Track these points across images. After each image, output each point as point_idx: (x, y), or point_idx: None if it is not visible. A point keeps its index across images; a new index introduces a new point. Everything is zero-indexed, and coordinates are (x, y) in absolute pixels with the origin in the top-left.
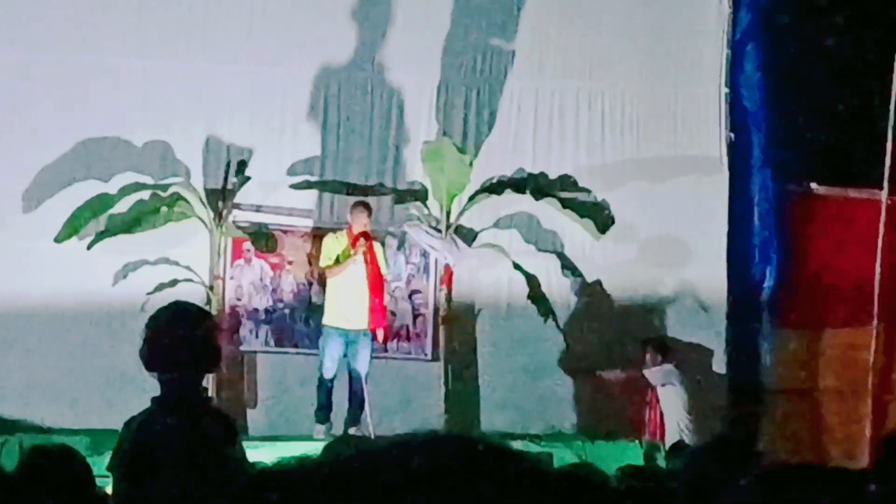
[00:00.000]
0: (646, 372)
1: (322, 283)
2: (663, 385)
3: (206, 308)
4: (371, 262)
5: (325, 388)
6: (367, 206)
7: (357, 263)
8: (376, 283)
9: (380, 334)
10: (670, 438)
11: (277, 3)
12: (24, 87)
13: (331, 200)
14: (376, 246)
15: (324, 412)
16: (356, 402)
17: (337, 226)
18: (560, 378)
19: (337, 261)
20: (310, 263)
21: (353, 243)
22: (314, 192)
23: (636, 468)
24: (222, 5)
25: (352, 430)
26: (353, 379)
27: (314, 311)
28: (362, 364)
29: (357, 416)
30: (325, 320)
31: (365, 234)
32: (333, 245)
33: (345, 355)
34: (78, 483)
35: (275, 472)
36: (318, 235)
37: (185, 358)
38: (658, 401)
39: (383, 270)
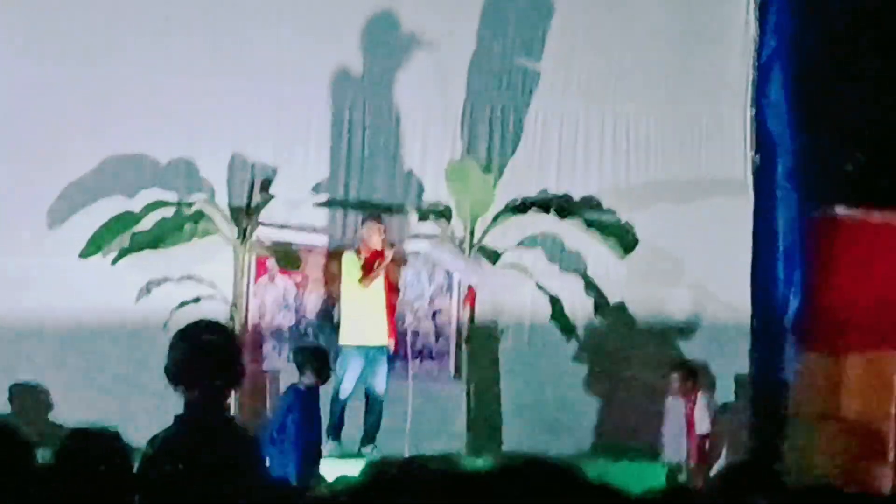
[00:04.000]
0: (697, 420)
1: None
2: (701, 419)
3: (230, 325)
4: (387, 277)
5: (339, 406)
6: (380, 220)
7: (376, 283)
8: (389, 298)
9: (390, 343)
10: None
11: (303, 21)
12: (50, 103)
13: (355, 219)
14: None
15: (335, 430)
16: (373, 422)
17: (358, 245)
18: (583, 399)
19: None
20: (326, 282)
21: (372, 259)
22: (338, 211)
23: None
24: (248, 23)
25: (365, 450)
26: (373, 399)
27: (337, 329)
28: (380, 383)
29: (373, 436)
30: (343, 340)
31: (380, 252)
32: (354, 262)
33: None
34: (120, 464)
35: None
36: (337, 254)
37: (209, 375)
38: (694, 432)
39: (397, 285)
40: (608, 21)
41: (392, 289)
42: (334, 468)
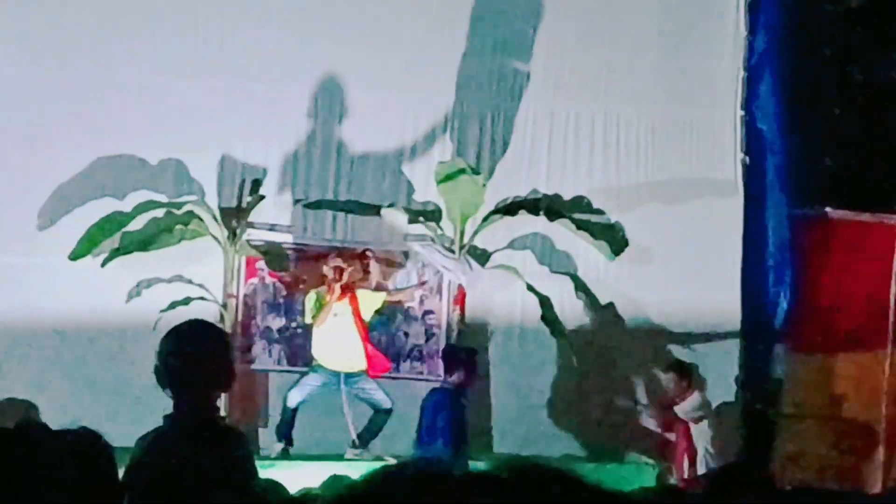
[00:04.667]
0: (678, 409)
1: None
2: (697, 420)
3: (220, 326)
4: (354, 311)
5: (288, 413)
6: (340, 258)
7: (341, 315)
8: (356, 333)
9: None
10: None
11: (293, 22)
12: (40, 105)
13: (344, 220)
14: (359, 294)
15: (282, 430)
16: (370, 429)
17: (348, 245)
18: (572, 400)
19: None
20: (316, 284)
21: (331, 294)
22: (328, 212)
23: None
24: (238, 24)
25: (350, 454)
26: (379, 411)
27: None
28: (376, 392)
29: (366, 442)
30: (315, 354)
31: (347, 286)
32: (311, 301)
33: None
34: (102, 466)
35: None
36: (324, 255)
37: (199, 376)
38: (688, 434)
39: (372, 310)
40: (598, 22)
41: (362, 321)
42: (286, 472)
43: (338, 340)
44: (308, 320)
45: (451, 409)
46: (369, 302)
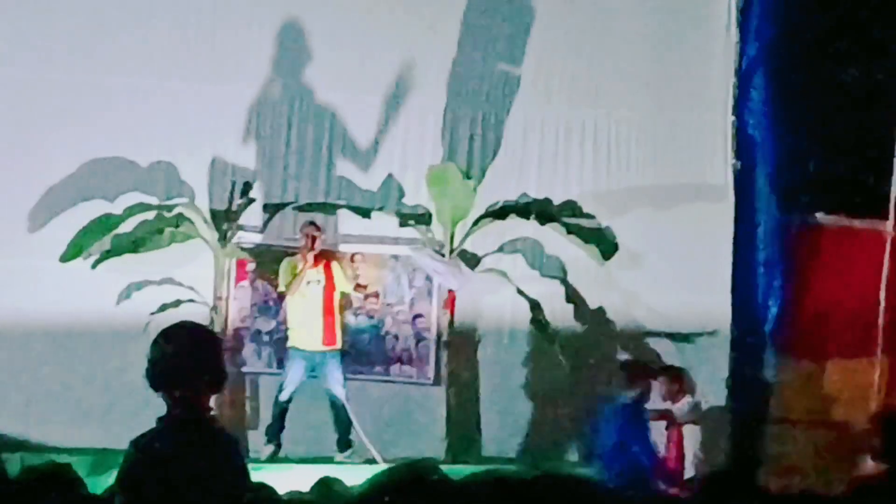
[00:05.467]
0: (672, 408)
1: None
2: (690, 422)
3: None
4: (327, 281)
5: (278, 409)
6: (314, 226)
7: (314, 284)
8: (329, 303)
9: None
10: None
11: (283, 25)
12: (30, 106)
13: (334, 223)
14: (334, 265)
15: (272, 431)
16: (342, 427)
17: (334, 247)
18: (562, 404)
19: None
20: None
21: (305, 263)
22: (318, 215)
23: None
24: (228, 27)
25: (339, 457)
26: (334, 403)
27: None
28: (336, 386)
29: (345, 442)
30: (289, 342)
31: (322, 255)
32: (285, 269)
33: (313, 376)
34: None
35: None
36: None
37: (191, 377)
38: (679, 437)
39: (342, 289)
40: (589, 27)
41: (332, 293)
42: (275, 475)
43: (310, 309)
44: (281, 288)
45: (635, 423)
46: (342, 278)
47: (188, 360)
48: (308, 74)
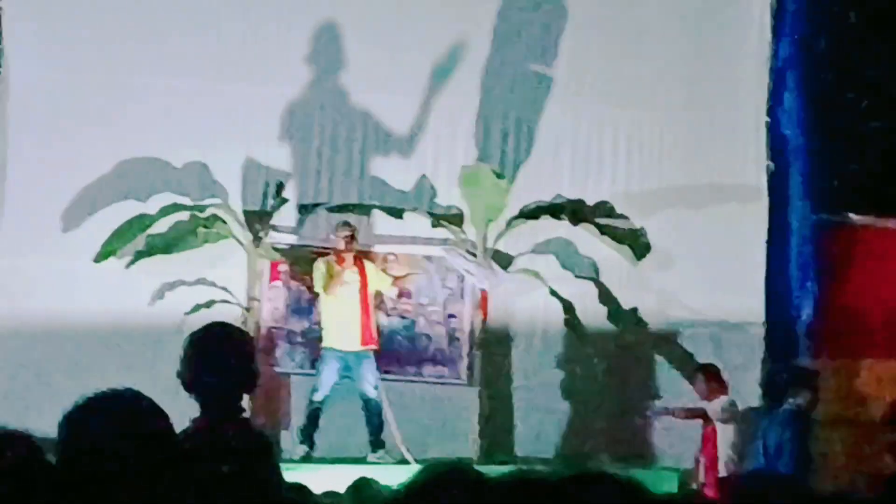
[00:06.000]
0: (707, 406)
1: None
2: (725, 421)
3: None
4: (362, 280)
5: (311, 409)
6: (350, 226)
7: (349, 284)
8: (365, 302)
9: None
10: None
11: (317, 26)
12: (65, 107)
13: (367, 223)
14: (367, 265)
15: (305, 432)
16: (374, 428)
17: (367, 247)
18: (595, 405)
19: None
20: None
21: (341, 264)
22: (350, 215)
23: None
24: (261, 28)
25: (372, 457)
26: (366, 403)
27: None
28: (369, 387)
29: (378, 442)
30: (323, 343)
31: (356, 255)
32: (320, 269)
33: (347, 377)
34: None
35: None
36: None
37: (224, 378)
38: (714, 436)
39: (376, 288)
40: (622, 27)
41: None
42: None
43: (347, 309)
44: (317, 289)
45: (796, 430)
46: (377, 277)
47: (220, 360)
48: (342, 75)
